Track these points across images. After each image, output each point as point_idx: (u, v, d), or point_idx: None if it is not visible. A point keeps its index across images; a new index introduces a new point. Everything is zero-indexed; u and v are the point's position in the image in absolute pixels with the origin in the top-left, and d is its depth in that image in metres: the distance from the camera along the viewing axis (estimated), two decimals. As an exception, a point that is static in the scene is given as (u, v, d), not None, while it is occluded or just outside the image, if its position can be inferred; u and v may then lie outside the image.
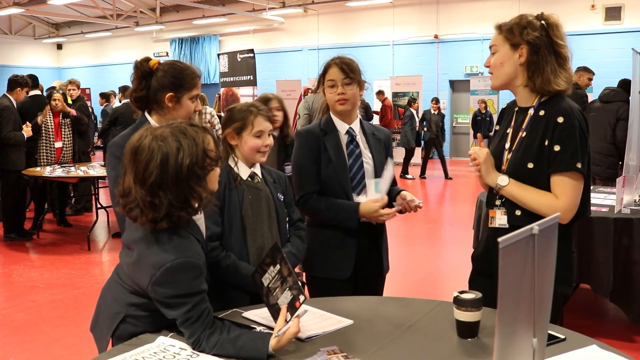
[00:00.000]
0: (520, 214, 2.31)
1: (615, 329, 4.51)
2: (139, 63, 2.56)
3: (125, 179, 1.90)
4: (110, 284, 2.15)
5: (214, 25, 22.01)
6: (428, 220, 9.24)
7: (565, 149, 2.21)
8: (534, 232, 1.26)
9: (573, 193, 2.22)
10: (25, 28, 25.39)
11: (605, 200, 4.70)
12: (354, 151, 2.83)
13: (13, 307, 5.16)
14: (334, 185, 2.79)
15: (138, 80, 2.55)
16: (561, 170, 2.21)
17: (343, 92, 2.77)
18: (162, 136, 1.86)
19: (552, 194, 2.24)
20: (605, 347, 1.85)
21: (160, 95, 2.53)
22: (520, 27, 2.28)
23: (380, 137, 2.95)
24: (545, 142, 2.24)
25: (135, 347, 1.90)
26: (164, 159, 1.82)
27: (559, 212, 2.18)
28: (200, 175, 1.89)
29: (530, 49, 2.26)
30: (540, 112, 2.30)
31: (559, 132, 2.21)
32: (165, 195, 1.83)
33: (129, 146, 1.89)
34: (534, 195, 2.25)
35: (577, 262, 4.18)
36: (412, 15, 18.20)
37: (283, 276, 1.97)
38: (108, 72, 24.91)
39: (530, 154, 2.27)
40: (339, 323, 2.09)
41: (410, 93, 15.97)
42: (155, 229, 1.88)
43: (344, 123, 2.86)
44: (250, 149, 2.53)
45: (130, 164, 1.88)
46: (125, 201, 1.89)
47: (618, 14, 14.99)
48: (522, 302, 1.28)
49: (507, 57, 2.32)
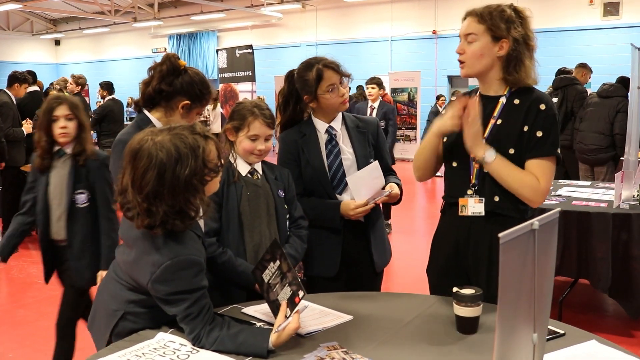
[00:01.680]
0: (498, 199, 2.33)
1: (614, 324, 4.52)
2: (172, 59, 2.55)
3: (123, 179, 1.89)
4: (107, 282, 2.14)
5: (212, 21, 21.96)
6: (431, 216, 9.25)
7: (548, 135, 2.28)
8: (535, 228, 1.26)
9: (551, 176, 2.30)
10: (23, 24, 25.31)
11: (603, 196, 4.71)
12: (332, 150, 2.79)
13: (12, 304, 5.16)
14: (316, 186, 2.77)
15: (165, 73, 2.53)
16: (542, 155, 2.27)
17: (344, 93, 2.76)
18: (161, 144, 1.83)
19: (533, 175, 2.27)
20: (604, 342, 1.86)
21: (178, 98, 2.54)
22: (505, 21, 2.30)
23: (365, 129, 2.87)
24: (524, 128, 2.28)
25: (134, 343, 1.90)
26: (161, 171, 1.81)
27: (540, 193, 2.26)
28: (198, 187, 1.87)
29: (512, 44, 2.29)
30: (514, 100, 2.33)
31: (542, 119, 2.28)
32: (161, 204, 1.82)
33: (129, 147, 1.88)
34: (518, 175, 2.27)
35: (576, 257, 4.20)
36: (410, 11, 18.16)
37: (283, 272, 1.98)
38: (106, 68, 24.84)
39: (510, 140, 2.30)
40: (338, 319, 2.10)
41: (409, 89, 15.97)
42: None
43: (323, 123, 2.81)
44: (244, 150, 2.53)
45: (129, 166, 1.86)
46: (123, 200, 1.89)
47: (616, 9, 14.97)
48: (523, 297, 1.28)
49: (487, 49, 2.33)
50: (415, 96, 15.95)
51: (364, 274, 2.88)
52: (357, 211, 2.67)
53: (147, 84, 2.58)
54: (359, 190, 2.66)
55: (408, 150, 15.96)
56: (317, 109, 2.81)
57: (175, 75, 2.54)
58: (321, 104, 2.75)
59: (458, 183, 2.43)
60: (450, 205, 2.48)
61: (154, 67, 2.59)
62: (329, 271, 2.79)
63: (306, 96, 2.76)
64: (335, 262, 2.79)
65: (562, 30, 14.87)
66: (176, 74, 2.53)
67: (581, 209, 4.23)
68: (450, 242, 2.48)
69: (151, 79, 2.57)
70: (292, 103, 2.84)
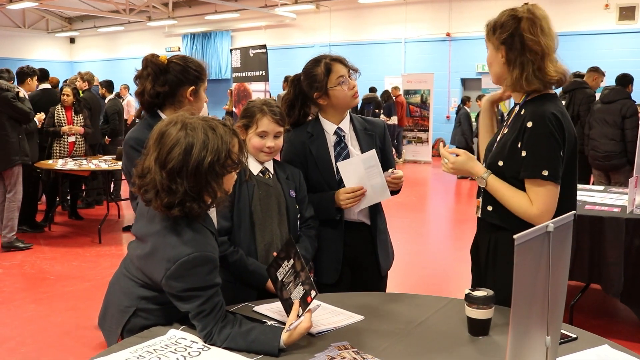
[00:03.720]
0: (491, 209, 2.33)
1: (626, 330, 4.48)
2: (153, 59, 2.53)
3: (146, 160, 1.91)
4: (118, 278, 2.15)
5: (226, 21, 22.02)
6: (441, 217, 9.23)
7: (531, 156, 2.18)
8: (549, 230, 1.25)
9: (544, 200, 2.18)
10: (39, 22, 25.50)
11: (617, 200, 4.68)
12: (342, 152, 2.76)
13: (24, 299, 5.20)
14: (323, 188, 2.74)
15: (154, 76, 2.52)
16: (528, 177, 2.20)
17: (355, 85, 2.74)
18: (192, 126, 1.87)
19: (527, 197, 2.21)
20: (617, 347, 1.85)
21: (182, 90, 2.54)
22: (495, 28, 2.29)
23: (372, 131, 2.85)
24: (518, 144, 2.22)
25: (146, 339, 1.91)
26: (188, 148, 1.83)
27: (532, 217, 2.18)
28: (219, 173, 1.89)
29: (506, 48, 2.26)
30: (522, 111, 2.29)
31: (527, 138, 2.19)
32: (182, 182, 1.84)
33: (157, 128, 1.91)
34: (511, 194, 2.24)
35: (588, 262, 4.18)
36: (424, 13, 18.14)
37: (296, 271, 1.98)
38: (120, 66, 24.96)
39: (503, 152, 2.28)
40: (350, 319, 2.10)
41: (422, 91, 15.94)
42: (170, 223, 1.88)
43: (331, 124, 2.78)
44: (254, 147, 2.53)
45: (155, 145, 1.88)
46: (142, 182, 1.90)
47: (632, 13, 14.87)
48: (536, 299, 1.28)
49: (493, 57, 2.34)
50: (428, 98, 15.91)
51: (370, 278, 2.87)
52: (347, 196, 2.64)
53: (141, 93, 2.56)
54: (349, 176, 2.64)
55: (420, 152, 15.95)
56: (327, 107, 2.77)
57: (164, 73, 2.53)
58: (332, 99, 2.72)
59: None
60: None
61: (139, 76, 2.58)
62: (328, 278, 2.76)
63: (316, 93, 2.72)
64: (336, 269, 2.77)
65: (577, 35, 14.80)
66: (164, 72, 2.53)
67: (594, 214, 4.20)
68: (474, 239, 2.57)
69: (143, 87, 2.55)
70: (297, 107, 2.81)
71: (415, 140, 16.05)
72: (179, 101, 2.56)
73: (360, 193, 2.64)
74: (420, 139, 16.00)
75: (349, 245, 2.79)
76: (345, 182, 2.66)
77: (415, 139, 16.04)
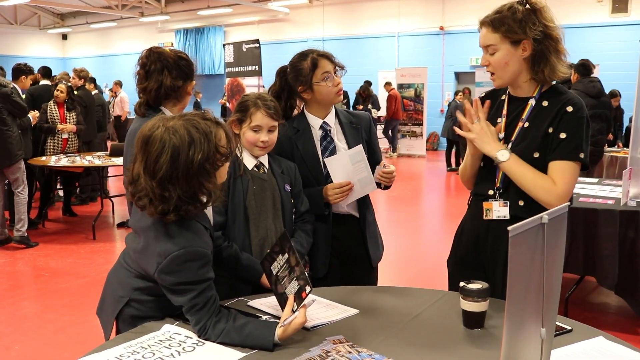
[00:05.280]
0: (523, 204, 2.29)
1: (620, 322, 4.50)
2: (165, 53, 2.58)
3: (134, 167, 1.89)
4: (116, 268, 2.17)
5: (219, 16, 21.98)
6: (436, 211, 9.24)
7: (572, 138, 2.20)
8: (544, 222, 1.25)
9: (571, 181, 2.22)
10: (31, 18, 25.38)
11: (611, 192, 4.69)
12: (328, 147, 2.76)
13: (18, 296, 5.18)
14: (310, 183, 2.74)
15: (169, 70, 2.56)
16: (564, 158, 2.20)
17: (339, 82, 2.73)
18: (174, 129, 1.84)
19: (550, 178, 2.22)
20: (612, 338, 1.85)
21: (187, 85, 2.58)
22: (520, 22, 2.21)
23: (358, 124, 2.85)
24: (549, 130, 2.22)
25: (140, 334, 1.90)
26: (174, 154, 1.81)
27: (555, 196, 2.17)
28: (210, 171, 1.87)
29: (533, 42, 2.21)
30: (543, 102, 2.27)
31: (566, 121, 2.21)
32: (174, 189, 1.83)
33: (140, 134, 1.88)
34: (533, 175, 2.22)
35: (582, 254, 4.18)
36: (417, 7, 18.13)
37: (291, 265, 1.97)
38: (113, 62, 24.90)
39: (536, 143, 2.25)
40: (344, 312, 2.09)
41: (416, 84, 15.95)
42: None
43: (317, 118, 2.78)
44: (248, 142, 2.52)
45: (141, 153, 1.86)
46: (134, 189, 1.89)
47: (625, 6, 14.90)
48: (531, 291, 1.27)
49: (510, 55, 2.25)
50: (422, 92, 15.93)
51: (360, 270, 2.87)
52: (335, 192, 2.64)
53: (152, 88, 2.59)
54: (336, 171, 2.64)
55: (414, 147, 15.97)
56: (311, 102, 2.76)
57: (176, 67, 2.59)
58: (316, 94, 2.71)
59: (482, 183, 2.43)
60: (476, 201, 2.47)
61: (149, 70, 2.59)
62: (316, 272, 2.76)
63: (300, 86, 2.72)
64: (323, 263, 2.77)
65: (570, 27, 14.81)
66: (175, 66, 2.56)
67: (588, 206, 4.21)
68: (471, 235, 2.48)
69: (155, 81, 2.57)
70: (283, 99, 2.80)
71: (410, 134, 16.07)
72: (182, 95, 2.57)
73: (348, 188, 2.65)
74: (414, 132, 16.02)
75: (338, 238, 2.79)
76: (333, 177, 2.66)
77: (410, 132, 16.06)
